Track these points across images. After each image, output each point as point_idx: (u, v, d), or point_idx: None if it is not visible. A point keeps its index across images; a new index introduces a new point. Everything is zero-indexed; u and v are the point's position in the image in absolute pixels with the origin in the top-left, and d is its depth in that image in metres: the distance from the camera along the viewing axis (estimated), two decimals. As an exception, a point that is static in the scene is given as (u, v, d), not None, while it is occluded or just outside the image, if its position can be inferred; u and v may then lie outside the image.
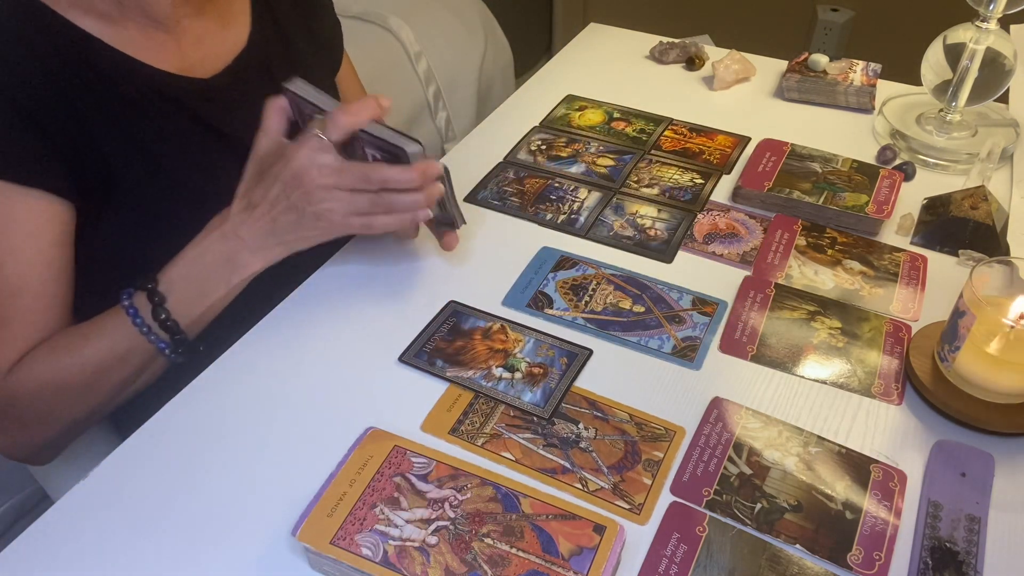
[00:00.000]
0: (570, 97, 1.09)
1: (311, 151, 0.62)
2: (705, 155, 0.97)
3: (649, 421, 0.64)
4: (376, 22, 1.54)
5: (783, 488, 0.59)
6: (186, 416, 0.64)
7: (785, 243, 0.83)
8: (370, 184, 0.63)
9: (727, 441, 0.62)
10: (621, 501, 0.58)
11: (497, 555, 0.52)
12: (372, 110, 0.63)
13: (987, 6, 0.89)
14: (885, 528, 0.56)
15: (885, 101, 1.05)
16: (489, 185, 0.91)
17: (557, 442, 0.62)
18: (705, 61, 1.17)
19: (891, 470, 0.60)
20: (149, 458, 0.61)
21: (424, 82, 1.57)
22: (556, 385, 0.66)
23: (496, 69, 1.80)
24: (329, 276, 0.78)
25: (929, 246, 0.83)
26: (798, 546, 0.55)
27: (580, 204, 0.88)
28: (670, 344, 0.71)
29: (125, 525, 0.56)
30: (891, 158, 0.96)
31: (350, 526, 0.53)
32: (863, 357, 0.70)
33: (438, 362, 0.68)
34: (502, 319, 0.73)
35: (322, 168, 0.62)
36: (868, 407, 0.66)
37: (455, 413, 0.64)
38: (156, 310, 0.66)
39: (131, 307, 0.66)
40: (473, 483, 0.57)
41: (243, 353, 0.70)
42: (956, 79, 0.95)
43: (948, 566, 0.54)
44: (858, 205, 0.85)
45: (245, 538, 0.55)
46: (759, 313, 0.74)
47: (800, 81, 1.08)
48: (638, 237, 0.84)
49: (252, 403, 0.65)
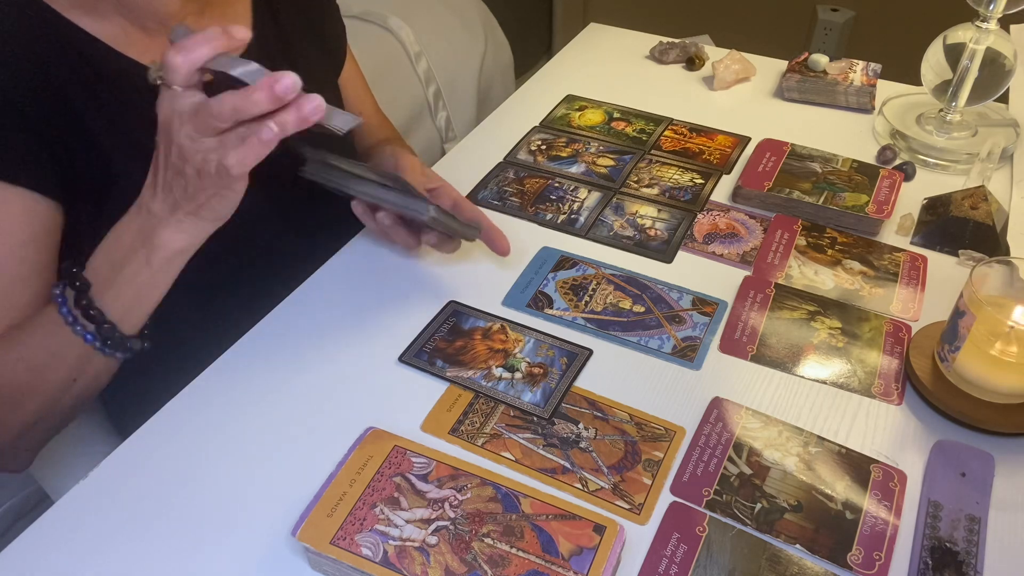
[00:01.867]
0: (570, 97, 1.09)
1: (166, 103, 0.56)
2: (705, 155, 0.97)
3: (649, 421, 0.64)
4: (376, 22, 1.54)
5: (783, 488, 0.59)
6: (186, 416, 0.64)
7: (785, 243, 0.83)
8: (223, 119, 0.54)
9: (727, 441, 0.62)
10: (621, 501, 0.58)
11: (497, 555, 0.52)
12: (213, 42, 0.54)
13: (987, 6, 0.89)
14: (885, 528, 0.56)
15: (885, 101, 1.05)
16: (489, 185, 0.91)
17: (557, 442, 0.62)
18: (705, 61, 1.17)
19: (891, 470, 0.60)
20: (149, 458, 0.61)
21: (424, 82, 1.57)
22: (556, 385, 0.66)
23: (496, 69, 1.79)
24: (329, 275, 0.78)
25: (929, 246, 0.83)
26: (798, 546, 0.55)
27: (580, 204, 0.88)
28: (670, 344, 0.71)
29: (125, 525, 0.56)
30: (891, 158, 0.96)
31: (350, 526, 0.53)
32: (863, 357, 0.70)
33: (438, 362, 0.68)
34: (502, 319, 0.73)
35: (181, 117, 0.55)
36: (868, 407, 0.66)
37: (455, 413, 0.64)
38: (79, 297, 0.62)
39: (61, 295, 0.62)
40: (473, 483, 0.57)
41: (243, 353, 0.70)
42: (956, 79, 0.95)
43: (948, 566, 0.54)
44: (858, 205, 0.85)
45: (245, 538, 0.55)
46: (759, 313, 0.74)
47: (800, 81, 1.08)
48: (638, 237, 0.84)
49: (252, 403, 0.65)
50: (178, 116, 0.55)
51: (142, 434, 0.62)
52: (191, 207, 0.59)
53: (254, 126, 0.54)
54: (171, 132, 0.56)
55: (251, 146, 0.55)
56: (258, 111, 0.54)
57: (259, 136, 0.54)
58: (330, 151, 0.70)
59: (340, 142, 0.85)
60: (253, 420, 0.64)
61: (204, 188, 0.58)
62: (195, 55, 0.54)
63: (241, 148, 0.55)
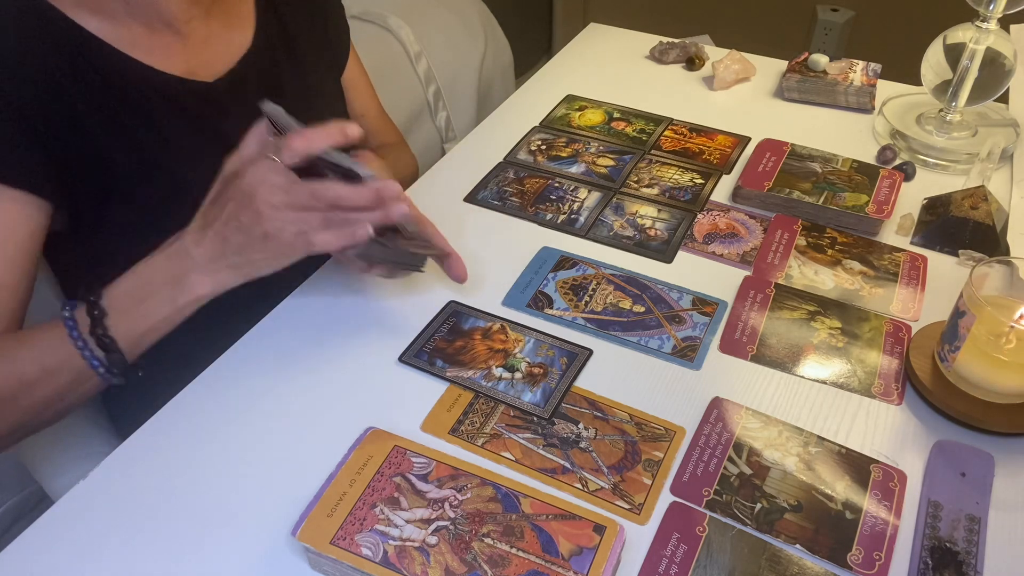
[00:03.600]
0: (570, 97, 1.09)
1: (263, 171, 0.59)
2: (705, 155, 0.97)
3: (649, 421, 0.64)
4: (376, 22, 1.54)
5: (783, 488, 0.59)
6: (186, 416, 0.64)
7: (785, 243, 0.83)
8: (320, 201, 0.60)
9: (727, 441, 0.62)
10: (621, 501, 0.58)
11: (497, 555, 0.52)
12: (332, 137, 0.60)
13: (987, 6, 0.89)
14: (885, 528, 0.56)
15: (885, 101, 1.05)
16: (489, 185, 0.91)
17: (557, 442, 0.62)
18: (705, 61, 1.17)
19: (891, 470, 0.60)
20: (149, 458, 0.61)
21: (424, 82, 1.57)
22: (556, 385, 0.66)
23: (496, 69, 1.79)
24: (329, 276, 0.78)
25: (929, 246, 0.83)
26: (798, 546, 0.55)
27: (580, 204, 0.88)
28: (670, 344, 0.71)
29: (125, 525, 0.56)
30: (891, 158, 0.96)
31: (350, 526, 0.53)
32: (863, 357, 0.70)
33: (438, 362, 0.68)
34: (502, 319, 0.73)
35: (272, 187, 0.59)
36: (868, 407, 0.66)
37: (455, 413, 0.64)
38: (95, 325, 0.62)
39: (70, 319, 0.62)
40: (473, 483, 0.57)
41: (243, 353, 0.70)
42: (956, 79, 0.95)
43: (948, 566, 0.54)
44: (858, 205, 0.85)
45: (245, 538, 0.55)
46: (759, 313, 0.74)
47: (800, 81, 1.08)
48: (638, 237, 0.84)
49: (252, 403, 0.65)
50: (269, 185, 0.59)
51: (142, 434, 0.62)
52: (236, 260, 0.62)
53: (352, 218, 0.60)
54: (253, 196, 0.59)
55: (343, 235, 0.60)
56: (357, 205, 0.60)
57: (354, 230, 0.60)
58: None
59: None
60: (253, 420, 0.64)
61: (264, 250, 0.61)
62: (315, 146, 0.60)
63: (332, 232, 0.60)
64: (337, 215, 0.60)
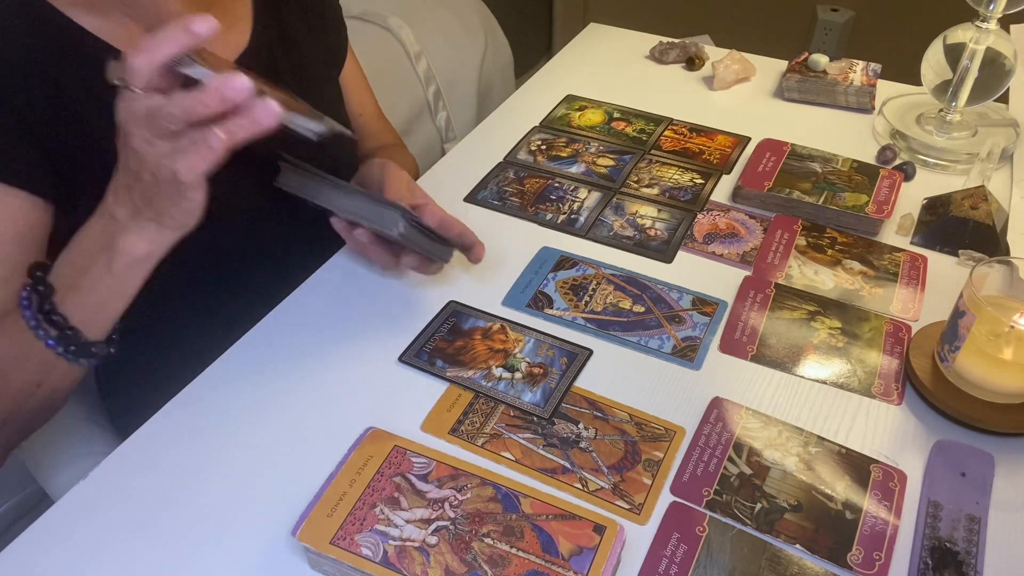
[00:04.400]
0: (570, 97, 1.09)
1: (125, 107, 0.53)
2: (705, 155, 0.97)
3: (649, 421, 0.64)
4: (376, 22, 1.54)
5: (783, 488, 0.59)
6: (186, 416, 0.64)
7: (785, 243, 0.83)
8: (174, 121, 0.51)
9: (727, 441, 0.62)
10: (621, 501, 0.58)
11: (497, 555, 0.52)
12: (176, 40, 0.51)
13: (987, 6, 0.89)
14: (885, 528, 0.56)
15: (885, 101, 1.05)
16: (489, 185, 0.91)
17: (557, 442, 0.62)
18: (705, 61, 1.17)
19: (891, 470, 0.60)
20: (149, 458, 0.61)
21: (424, 82, 1.57)
22: (556, 385, 0.66)
23: (496, 69, 1.79)
24: (329, 275, 0.78)
25: (929, 246, 0.83)
26: (798, 546, 0.55)
27: (580, 204, 0.88)
28: (670, 344, 0.71)
29: (125, 525, 0.56)
30: (891, 158, 0.96)
31: (350, 526, 0.53)
32: (863, 357, 0.70)
33: (438, 362, 0.68)
34: (502, 319, 0.73)
35: (137, 120, 0.52)
36: (868, 407, 0.66)
37: (455, 413, 0.64)
38: (42, 301, 0.59)
39: (27, 299, 0.60)
40: (473, 483, 0.57)
41: (243, 353, 0.70)
42: (956, 79, 0.95)
43: (948, 566, 0.54)
44: (858, 205, 0.85)
45: (245, 538, 0.55)
46: (759, 313, 0.74)
47: (800, 81, 1.08)
48: (638, 237, 0.84)
49: (252, 403, 0.65)
50: (134, 119, 0.52)
51: (142, 434, 0.62)
52: (151, 213, 0.57)
53: (204, 131, 0.51)
54: (128, 136, 0.53)
55: (200, 153, 0.52)
56: (208, 113, 0.51)
57: (207, 142, 0.51)
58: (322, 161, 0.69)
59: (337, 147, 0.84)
60: (253, 420, 0.64)
61: (160, 194, 0.55)
62: (155, 55, 0.51)
63: (190, 155, 0.52)
64: (198, 134, 0.52)
